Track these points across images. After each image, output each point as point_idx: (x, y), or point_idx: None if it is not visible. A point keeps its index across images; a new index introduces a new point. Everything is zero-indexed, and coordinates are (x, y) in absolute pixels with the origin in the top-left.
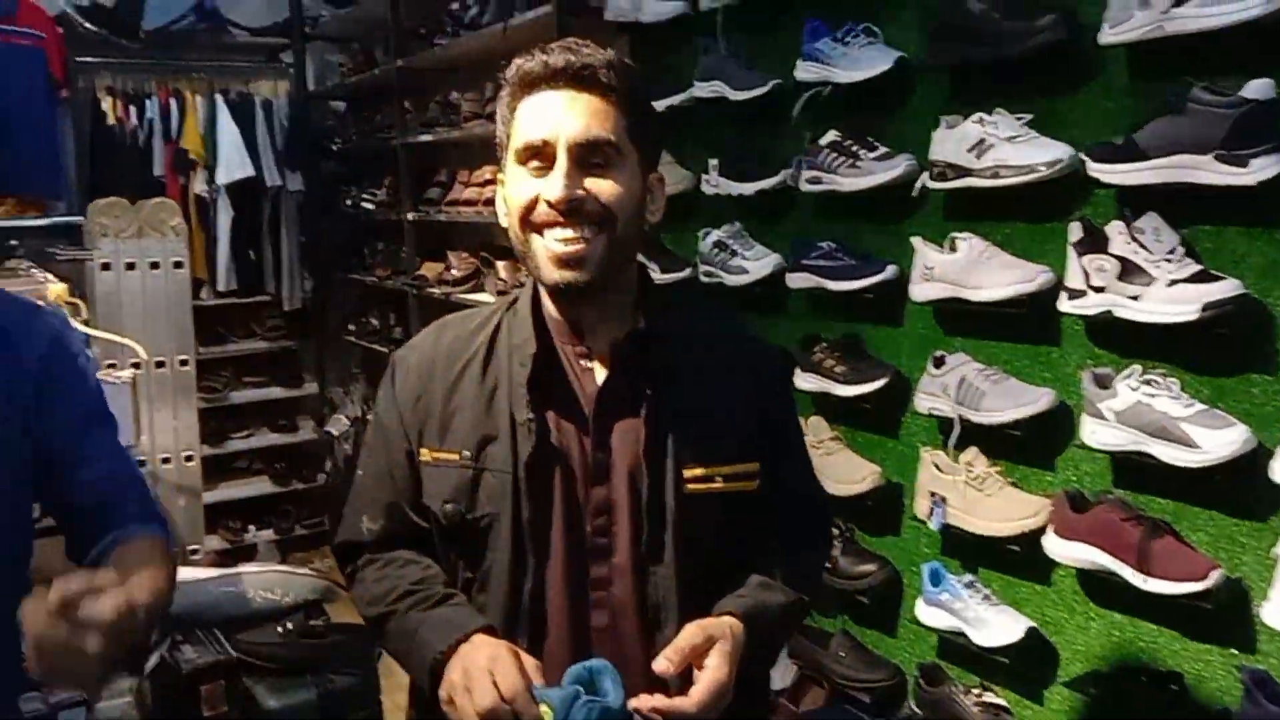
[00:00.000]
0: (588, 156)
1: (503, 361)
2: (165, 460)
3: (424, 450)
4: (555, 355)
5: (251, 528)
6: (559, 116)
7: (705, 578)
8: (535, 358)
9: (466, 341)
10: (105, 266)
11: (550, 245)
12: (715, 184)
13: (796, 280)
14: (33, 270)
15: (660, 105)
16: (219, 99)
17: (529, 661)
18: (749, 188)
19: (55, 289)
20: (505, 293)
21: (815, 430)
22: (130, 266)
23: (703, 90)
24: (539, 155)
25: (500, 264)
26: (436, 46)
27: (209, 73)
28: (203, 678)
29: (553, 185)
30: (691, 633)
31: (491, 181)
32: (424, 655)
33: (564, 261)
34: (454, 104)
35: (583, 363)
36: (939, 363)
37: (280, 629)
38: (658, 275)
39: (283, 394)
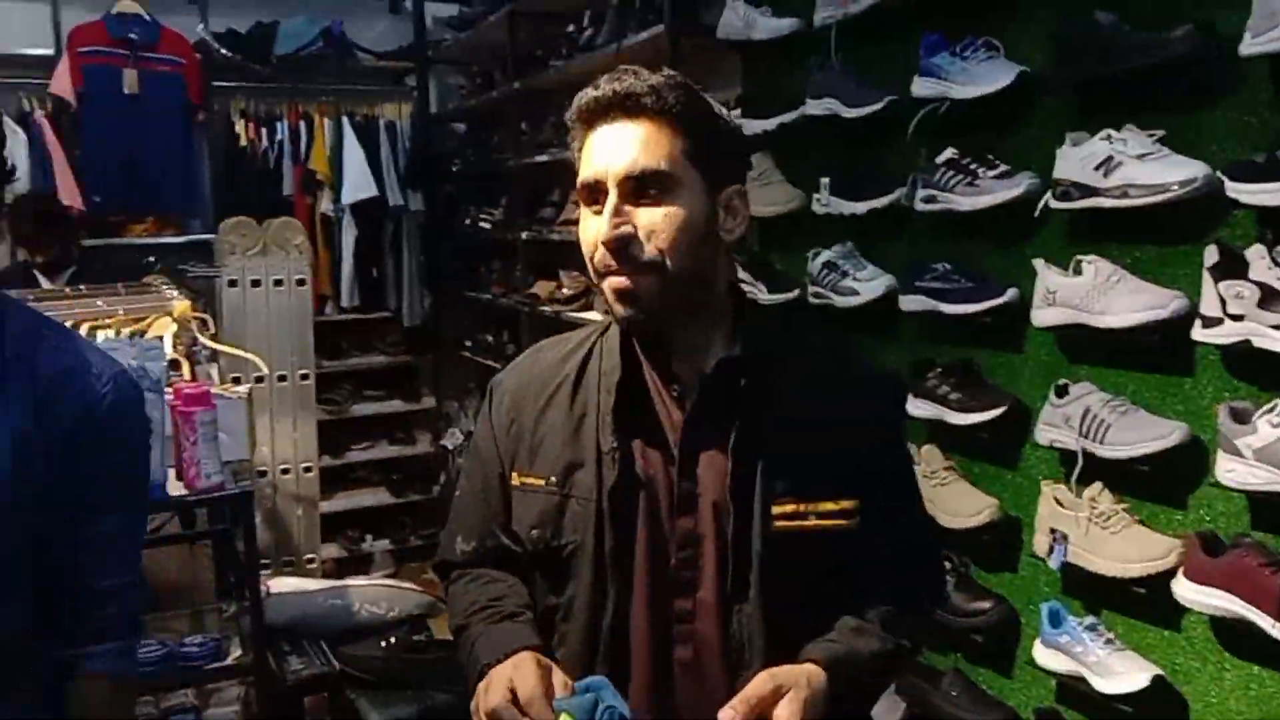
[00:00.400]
0: (639, 189)
1: (592, 388)
2: (285, 470)
3: (514, 474)
4: (642, 383)
5: (369, 537)
6: (608, 151)
7: (795, 617)
8: (620, 385)
9: (559, 367)
10: (232, 283)
11: (607, 283)
12: (826, 203)
13: (910, 303)
14: (163, 287)
15: (771, 124)
16: (345, 122)
17: (558, 677)
18: (861, 206)
19: (180, 305)
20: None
21: (928, 460)
22: (256, 283)
23: (815, 108)
24: (596, 195)
25: None
26: (552, 68)
27: (336, 96)
28: (307, 688)
29: (594, 228)
30: (762, 681)
31: None
32: (473, 667)
33: (620, 298)
34: (568, 125)
35: (671, 391)
36: (1062, 392)
37: (384, 643)
38: (764, 296)
39: (401, 408)
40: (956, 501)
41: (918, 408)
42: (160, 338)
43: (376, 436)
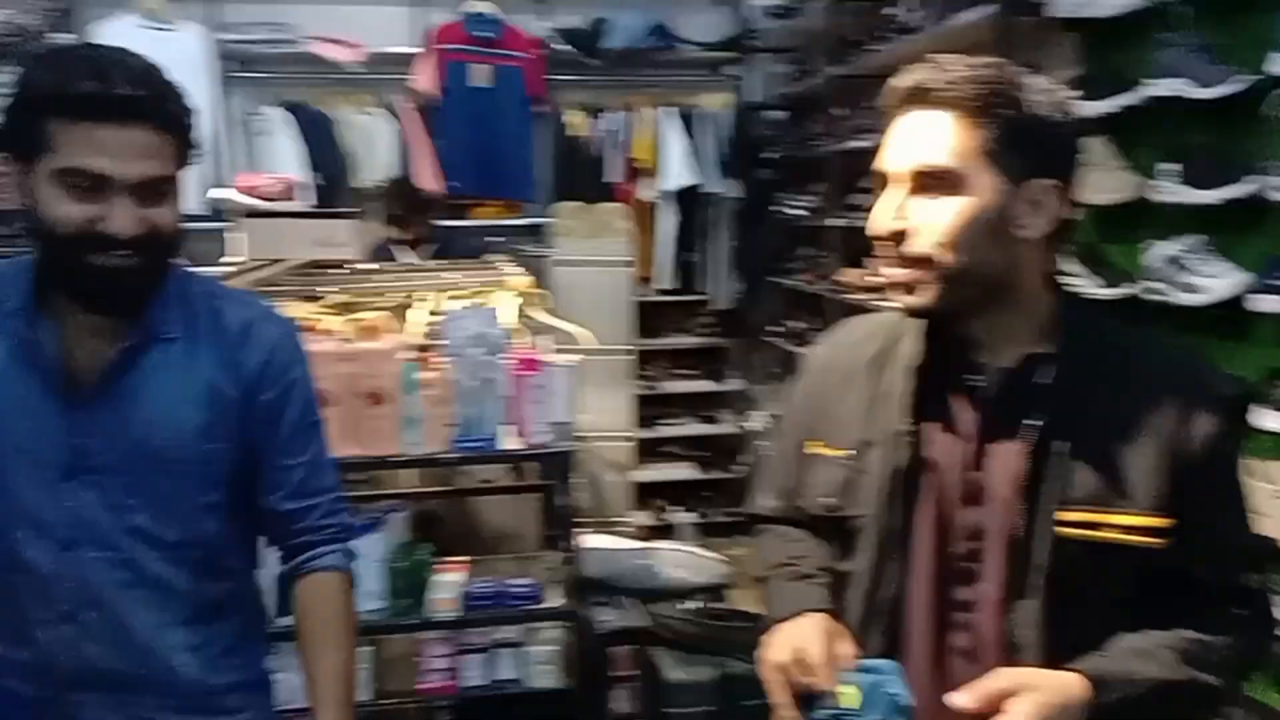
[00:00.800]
0: (923, 183)
1: (894, 369)
2: (601, 439)
3: (811, 443)
4: (943, 370)
5: (676, 509)
6: (899, 143)
7: (1079, 628)
8: (919, 371)
9: (866, 345)
10: (564, 263)
11: (883, 272)
12: (1172, 191)
13: (1265, 303)
14: (504, 264)
15: (1109, 106)
16: (669, 112)
17: (847, 646)
18: (1213, 196)
19: (520, 281)
20: None
21: (1278, 479)
22: (584, 263)
23: (1160, 88)
24: (884, 183)
25: None
26: (871, 53)
27: (660, 87)
28: (616, 639)
29: (873, 215)
30: (1003, 675)
31: None
32: (768, 620)
33: (893, 288)
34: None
35: (972, 381)
36: None
37: (688, 606)
38: (1102, 291)
39: (709, 387)
40: None
41: (1269, 420)
42: (498, 309)
43: (685, 413)
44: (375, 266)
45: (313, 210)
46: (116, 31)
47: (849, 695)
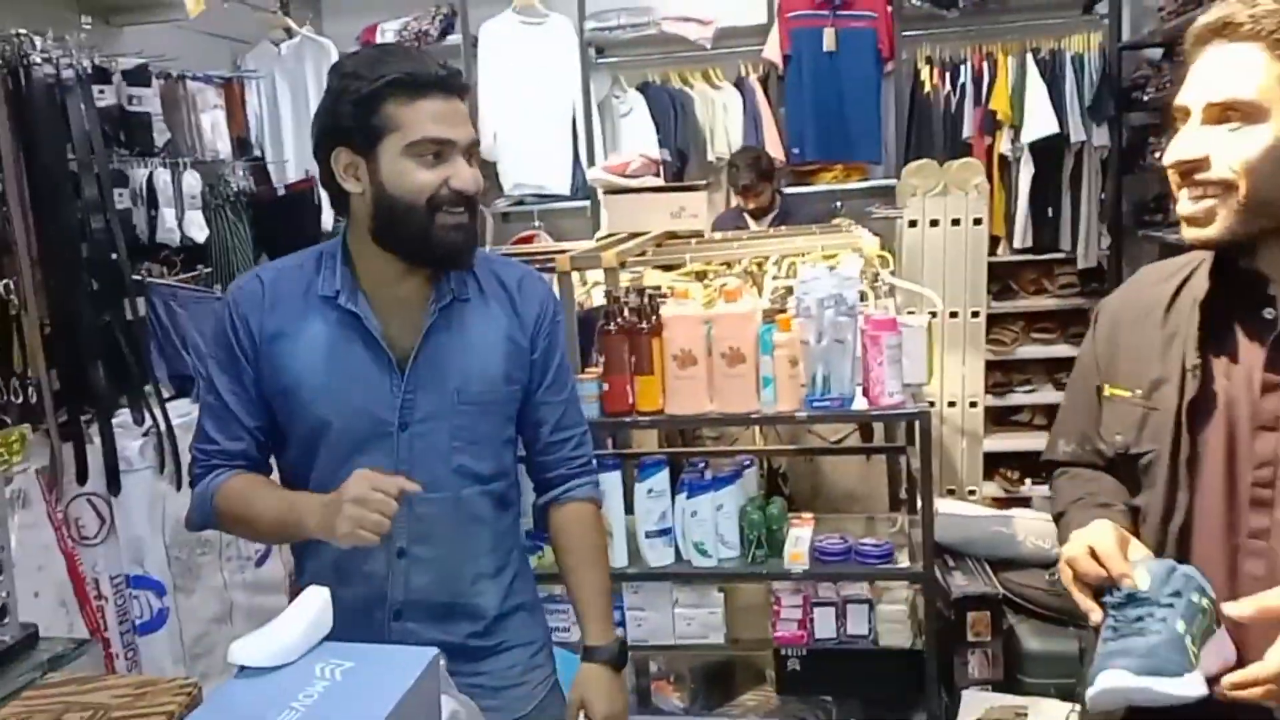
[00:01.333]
0: (1221, 115)
1: (1183, 308)
2: (951, 405)
3: (1107, 386)
4: (1232, 304)
5: (1028, 480)
6: (1200, 76)
7: None
8: (1206, 305)
9: (1159, 288)
10: (912, 224)
11: (1178, 205)
12: None
13: None
14: (852, 227)
15: None
16: (1029, 58)
17: (1139, 548)
18: None
19: (869, 246)
20: None
21: None
22: (934, 223)
23: None
24: (1183, 117)
25: None
26: None
27: (1021, 33)
28: (970, 605)
29: (1171, 146)
30: (1263, 600)
31: None
32: (1063, 538)
33: (1189, 220)
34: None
35: (1267, 314)
36: None
37: (1048, 575)
38: None
39: (1068, 352)
40: None
41: None
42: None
43: (1041, 379)
44: (725, 235)
45: (667, 185)
46: (499, 29)
47: (1141, 576)
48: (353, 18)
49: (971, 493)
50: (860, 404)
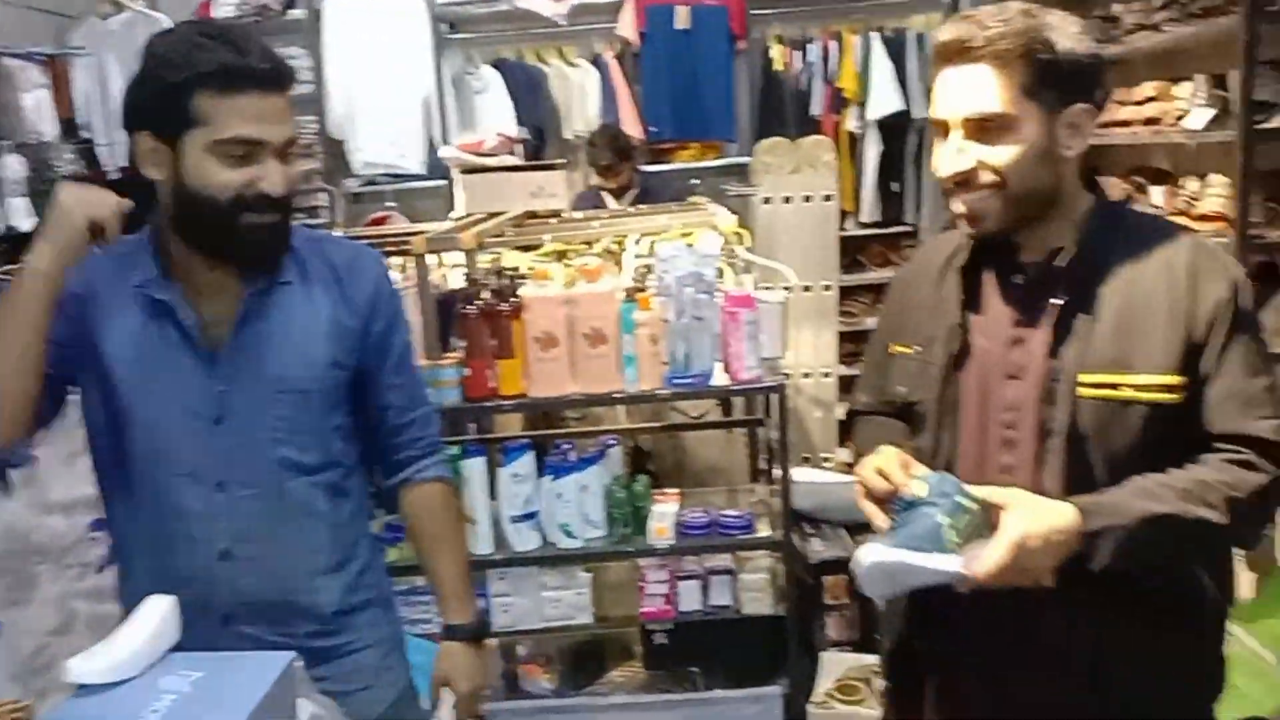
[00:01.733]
0: (978, 128)
1: (952, 274)
2: (805, 376)
3: (893, 344)
4: (991, 269)
5: None
6: (949, 93)
7: (1104, 482)
8: (966, 270)
9: (935, 257)
10: (766, 200)
11: (953, 204)
12: None
13: None
14: (709, 205)
15: None
16: (874, 37)
17: (921, 467)
18: None
19: (725, 223)
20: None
21: None
22: (787, 200)
23: None
24: (942, 130)
25: (1155, 188)
26: None
27: (866, 13)
28: (828, 569)
29: (941, 160)
30: (998, 492)
31: (1154, 98)
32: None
33: (966, 219)
34: (1115, 16)
35: (1016, 277)
36: None
37: None
38: None
39: None
40: None
41: None
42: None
43: None
44: (584, 215)
45: (526, 164)
46: (346, 2)
47: (919, 485)
48: None
49: (826, 460)
50: (720, 379)
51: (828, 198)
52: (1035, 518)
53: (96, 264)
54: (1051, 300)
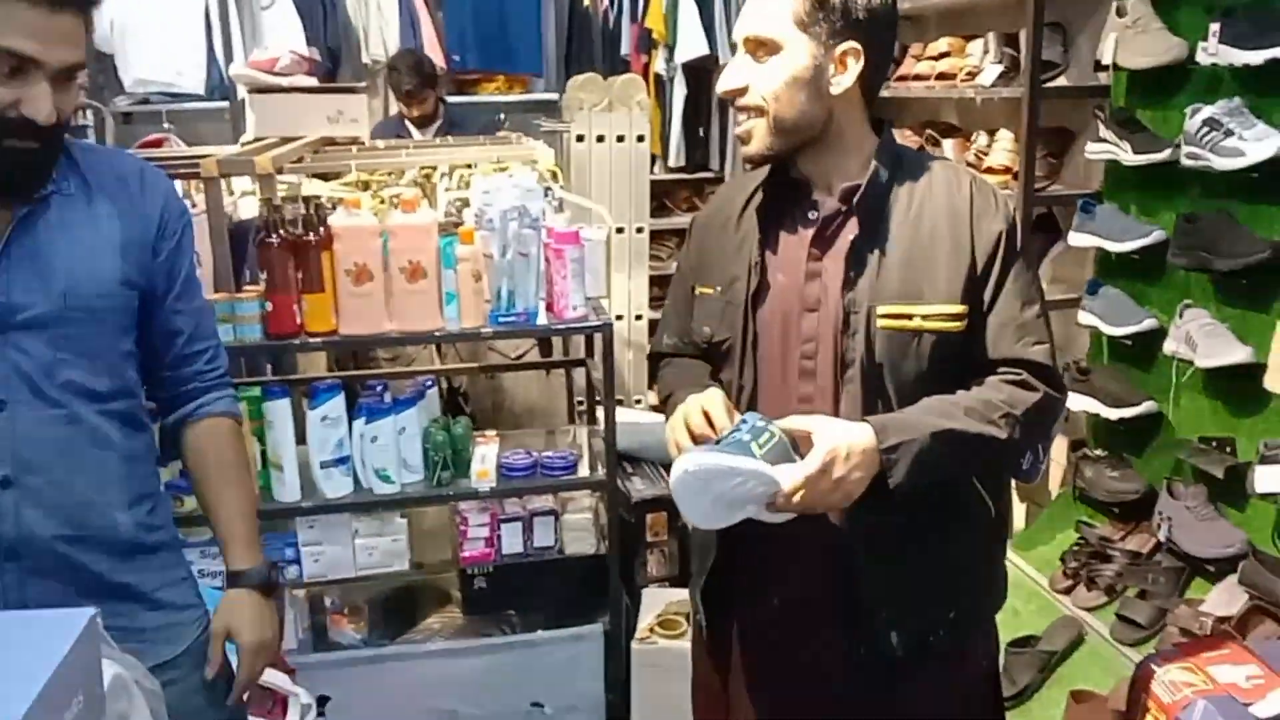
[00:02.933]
0: (755, 49)
1: (750, 215)
2: (618, 318)
3: (696, 286)
4: (787, 208)
5: None
6: (744, 12)
7: (896, 406)
8: (763, 210)
9: (734, 200)
10: (579, 138)
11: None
12: (1214, 52)
13: None
14: (521, 139)
15: None
16: None
17: (730, 407)
18: (1257, 56)
19: (545, 158)
20: None
21: None
22: (600, 139)
23: None
24: (735, 49)
25: (947, 141)
26: None
27: None
28: (647, 508)
29: (721, 78)
30: (799, 420)
31: (947, 54)
32: (673, 408)
33: (740, 140)
34: None
35: (810, 215)
36: None
37: None
38: (1128, 156)
39: None
40: None
41: None
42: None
43: None
44: (389, 143)
45: (323, 86)
46: None
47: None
48: None
49: (638, 401)
50: (544, 319)
51: (640, 138)
52: (840, 434)
53: None
54: (843, 235)
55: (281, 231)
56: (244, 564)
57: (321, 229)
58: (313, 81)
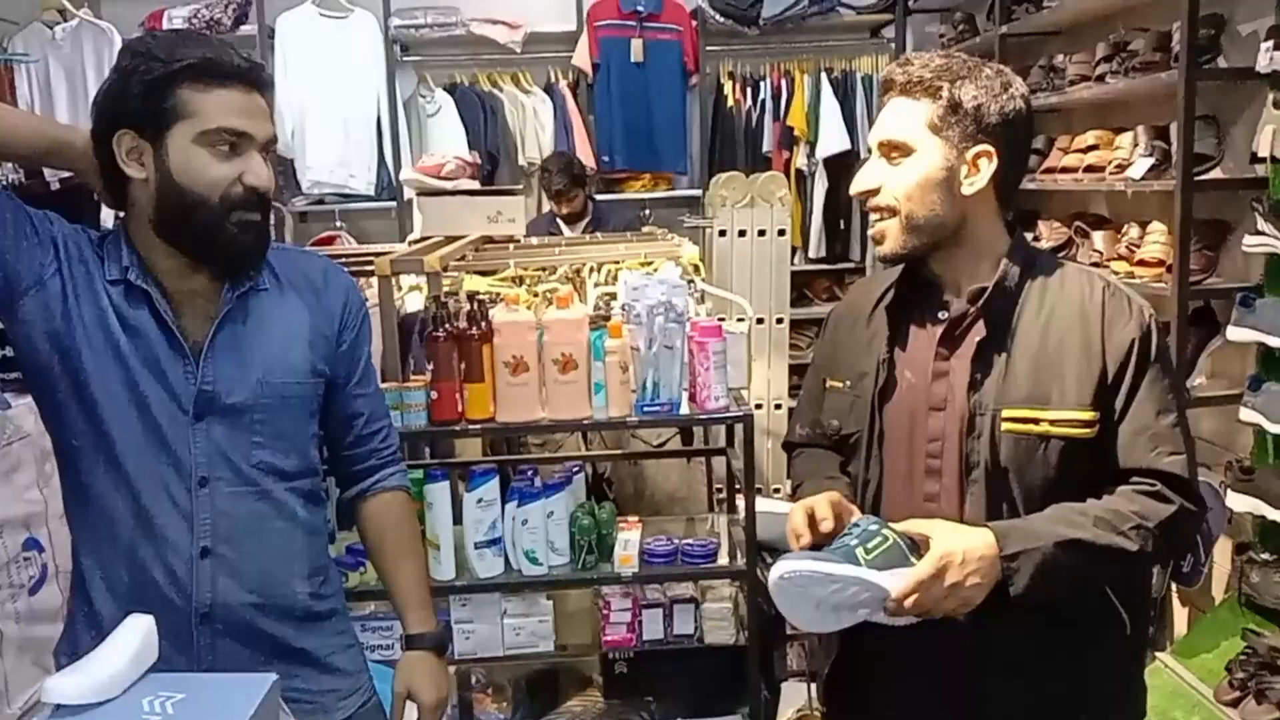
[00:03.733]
0: (888, 152)
1: (881, 312)
2: (758, 406)
3: (828, 379)
4: (918, 307)
5: None
6: (880, 120)
7: (1023, 510)
8: (894, 308)
9: (868, 296)
10: (721, 233)
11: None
12: None
13: None
14: (668, 235)
15: None
16: (823, 78)
17: (848, 505)
18: None
19: (689, 253)
20: (1100, 265)
21: None
22: (741, 233)
23: None
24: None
25: (1097, 234)
26: (1045, 9)
27: (816, 53)
28: None
29: (855, 179)
30: (917, 523)
31: (1095, 147)
32: (801, 498)
33: (874, 240)
34: (1058, 68)
35: (940, 315)
36: None
37: None
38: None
39: None
40: None
41: None
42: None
43: None
44: (543, 240)
45: (484, 189)
46: (298, 21)
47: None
48: (136, 1)
49: (776, 490)
50: (687, 409)
51: (781, 232)
52: (957, 539)
53: (73, 239)
54: (970, 337)
55: (448, 326)
56: (422, 627)
57: (484, 323)
58: (475, 184)
